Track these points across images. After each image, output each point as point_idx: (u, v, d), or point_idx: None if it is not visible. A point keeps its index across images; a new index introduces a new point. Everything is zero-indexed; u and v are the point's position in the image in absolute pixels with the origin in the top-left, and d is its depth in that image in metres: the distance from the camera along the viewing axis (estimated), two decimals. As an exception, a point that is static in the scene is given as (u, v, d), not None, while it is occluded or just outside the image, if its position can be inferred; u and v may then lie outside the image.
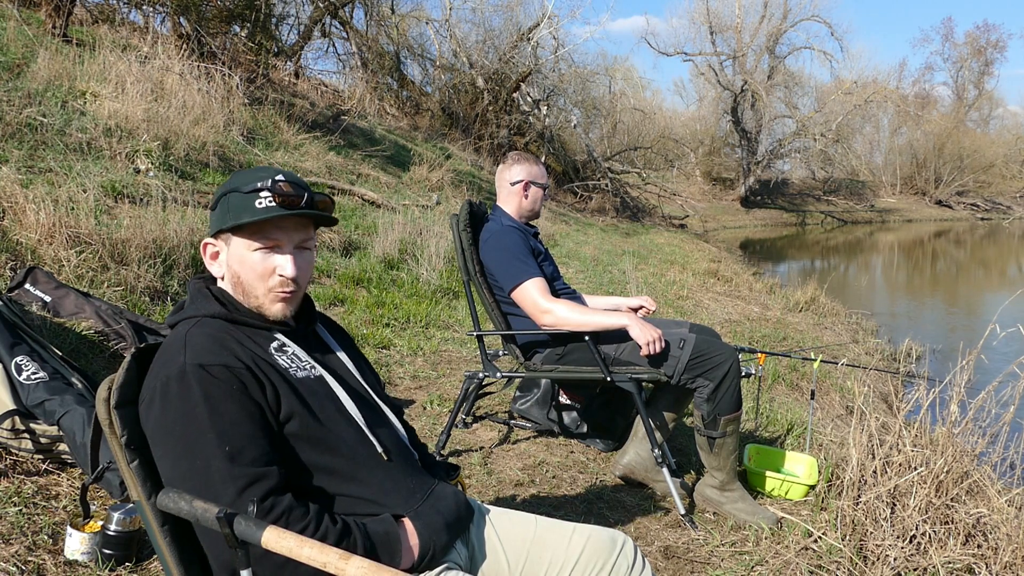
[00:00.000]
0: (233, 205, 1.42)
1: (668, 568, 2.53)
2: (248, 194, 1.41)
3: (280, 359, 1.42)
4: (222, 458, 1.26)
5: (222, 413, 1.29)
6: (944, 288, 15.17)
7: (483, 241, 3.00)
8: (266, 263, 1.43)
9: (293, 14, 15.59)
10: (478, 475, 3.06)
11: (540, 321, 2.85)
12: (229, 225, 1.42)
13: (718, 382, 2.74)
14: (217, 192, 1.47)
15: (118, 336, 3.20)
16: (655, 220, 19.77)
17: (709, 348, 2.77)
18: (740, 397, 2.81)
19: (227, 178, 1.74)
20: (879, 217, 31.29)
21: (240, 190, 1.42)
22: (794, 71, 29.15)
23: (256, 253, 1.43)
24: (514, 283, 2.87)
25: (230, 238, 1.45)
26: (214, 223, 1.46)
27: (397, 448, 1.49)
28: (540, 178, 3.09)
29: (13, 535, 2.04)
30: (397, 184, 10.48)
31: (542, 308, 2.82)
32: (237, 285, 1.46)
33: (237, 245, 1.44)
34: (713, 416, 2.77)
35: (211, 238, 1.48)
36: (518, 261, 2.88)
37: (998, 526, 2.42)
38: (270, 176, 1.42)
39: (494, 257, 2.94)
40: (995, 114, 41.77)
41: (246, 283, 1.45)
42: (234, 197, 1.42)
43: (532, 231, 3.11)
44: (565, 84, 20.43)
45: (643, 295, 3.34)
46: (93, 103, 6.48)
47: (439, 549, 1.42)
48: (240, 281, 1.45)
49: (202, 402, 1.28)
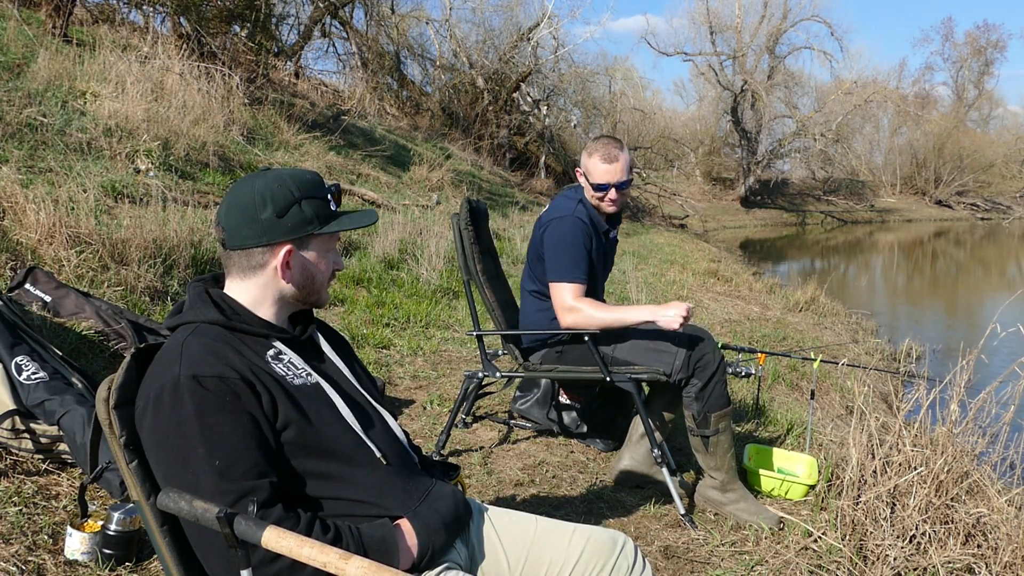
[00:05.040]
0: (317, 211, 1.48)
1: (668, 568, 2.53)
2: (323, 200, 1.50)
3: (277, 367, 1.42)
4: (211, 472, 1.26)
5: (213, 426, 1.28)
6: (944, 288, 15.17)
7: (546, 219, 2.94)
8: (331, 260, 1.55)
9: (293, 14, 15.62)
10: (478, 475, 3.06)
11: (563, 320, 2.83)
12: (321, 231, 1.49)
13: (706, 380, 2.75)
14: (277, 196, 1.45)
15: (118, 336, 3.20)
16: (655, 220, 19.78)
17: (697, 346, 2.77)
18: (728, 394, 2.82)
19: (227, 178, 1.72)
20: (879, 217, 31.27)
21: (315, 196, 1.49)
22: (794, 71, 29.15)
23: (329, 253, 1.54)
24: (556, 277, 2.83)
25: (308, 241, 1.49)
26: (289, 229, 1.45)
27: (395, 451, 1.49)
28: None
29: (13, 535, 2.04)
30: (397, 184, 10.49)
31: (568, 306, 2.80)
32: (307, 284, 1.51)
33: (316, 247, 1.51)
34: (704, 414, 2.77)
35: (287, 243, 1.47)
36: (568, 258, 2.82)
37: (998, 526, 2.42)
38: (321, 180, 1.54)
39: (551, 243, 2.87)
40: (995, 114, 41.74)
41: (318, 281, 1.53)
42: (313, 204, 1.48)
43: (604, 227, 3.00)
44: (565, 84, 20.44)
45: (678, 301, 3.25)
46: (93, 103, 6.48)
47: (438, 549, 1.43)
48: (312, 280, 1.52)
49: (193, 415, 1.28)
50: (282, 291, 1.50)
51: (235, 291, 1.49)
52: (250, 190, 1.46)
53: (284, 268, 1.48)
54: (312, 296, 1.54)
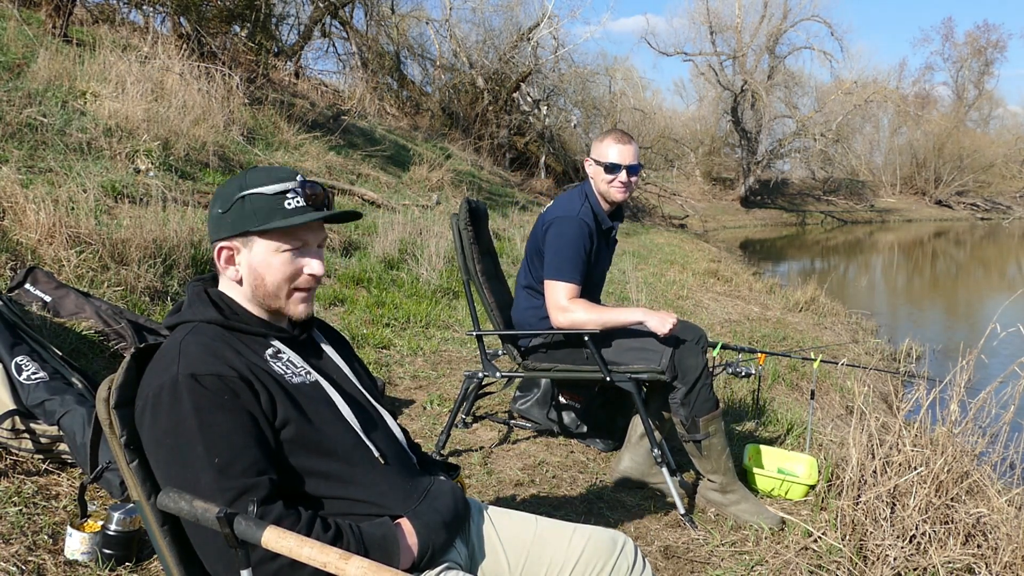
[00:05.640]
0: (258, 206, 1.40)
1: (668, 568, 2.53)
2: (275, 195, 1.40)
3: (275, 366, 1.41)
4: (211, 470, 1.26)
5: (211, 425, 1.28)
6: (944, 288, 15.17)
7: (550, 216, 2.92)
8: (294, 264, 1.43)
9: (293, 14, 15.63)
10: (478, 475, 3.06)
11: (555, 319, 2.84)
12: (259, 228, 1.40)
13: (691, 385, 2.74)
14: (225, 192, 1.43)
15: (118, 336, 3.20)
16: (655, 220, 19.77)
17: (682, 350, 2.76)
18: (715, 396, 2.81)
19: (227, 178, 1.71)
20: (879, 217, 31.26)
21: (263, 191, 1.40)
22: (794, 71, 29.12)
23: (284, 255, 1.42)
24: (553, 275, 2.83)
25: (253, 240, 1.42)
26: (229, 225, 1.42)
27: (394, 451, 1.49)
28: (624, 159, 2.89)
29: (13, 535, 2.04)
30: (397, 184, 10.49)
31: (561, 306, 2.80)
32: (258, 287, 1.44)
33: (262, 247, 1.42)
34: (692, 420, 2.77)
35: (226, 240, 1.44)
36: (567, 258, 2.82)
37: (998, 526, 2.42)
38: (291, 176, 1.42)
39: (552, 241, 2.86)
40: (995, 114, 41.71)
41: (270, 285, 1.43)
42: (257, 198, 1.40)
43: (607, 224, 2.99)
44: (565, 84, 20.44)
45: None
46: (93, 103, 6.48)
47: (438, 548, 1.43)
48: (263, 283, 1.43)
49: (192, 414, 1.28)
50: (243, 292, 1.47)
51: (223, 289, 1.50)
52: (220, 187, 1.47)
53: (226, 266, 1.46)
54: (269, 301, 1.45)
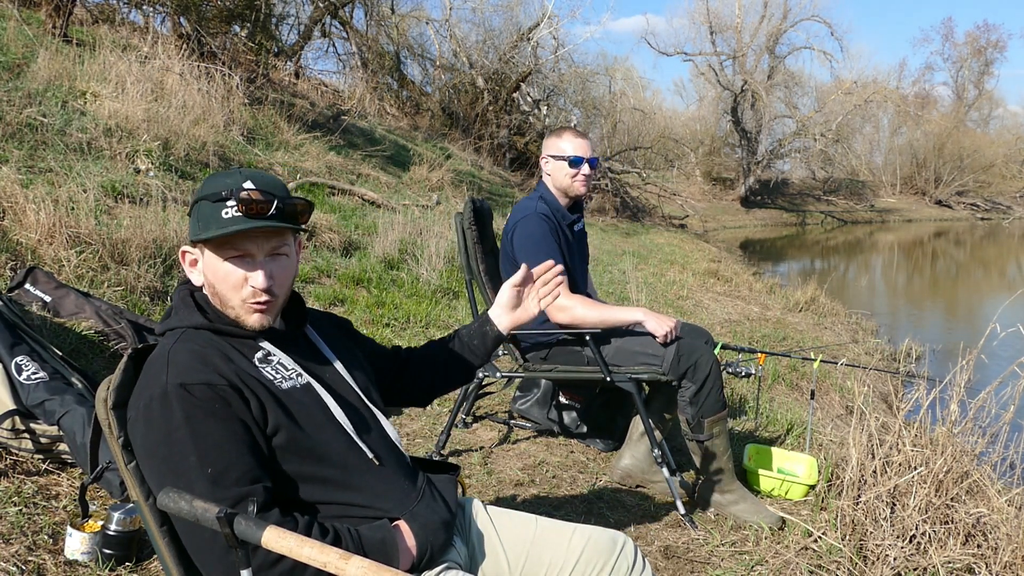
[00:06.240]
0: (203, 215, 1.37)
1: (668, 568, 2.53)
2: (216, 203, 1.36)
3: (265, 371, 1.39)
4: (205, 480, 1.25)
5: (203, 435, 1.27)
6: (944, 288, 15.16)
7: (510, 225, 2.91)
8: (238, 274, 1.39)
9: (293, 14, 15.62)
10: (478, 475, 3.06)
11: (554, 316, 2.81)
12: (196, 237, 1.39)
13: (700, 384, 2.73)
14: (192, 197, 1.44)
15: (118, 336, 3.20)
16: (655, 220, 19.74)
17: (691, 349, 2.76)
18: (724, 398, 2.80)
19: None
20: (879, 217, 31.25)
21: (208, 198, 1.37)
22: (794, 71, 29.10)
23: (227, 264, 1.38)
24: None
25: (204, 248, 1.41)
26: (190, 231, 1.43)
27: (387, 452, 1.48)
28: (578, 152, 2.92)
29: (13, 535, 2.04)
30: (397, 184, 10.48)
31: (559, 305, 2.77)
32: (214, 295, 1.43)
33: (211, 256, 1.40)
34: (698, 420, 2.77)
35: (188, 246, 1.46)
36: (544, 252, 2.76)
37: (998, 526, 2.42)
38: (236, 183, 1.36)
39: (522, 243, 2.85)
40: (995, 114, 41.71)
41: (221, 294, 1.41)
42: (204, 206, 1.37)
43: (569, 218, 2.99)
44: (565, 84, 20.43)
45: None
46: (93, 103, 6.48)
47: (437, 548, 1.42)
48: (216, 292, 1.42)
49: (183, 424, 1.27)
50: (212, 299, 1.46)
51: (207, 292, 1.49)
52: None
53: (191, 271, 1.47)
54: (226, 310, 1.42)
